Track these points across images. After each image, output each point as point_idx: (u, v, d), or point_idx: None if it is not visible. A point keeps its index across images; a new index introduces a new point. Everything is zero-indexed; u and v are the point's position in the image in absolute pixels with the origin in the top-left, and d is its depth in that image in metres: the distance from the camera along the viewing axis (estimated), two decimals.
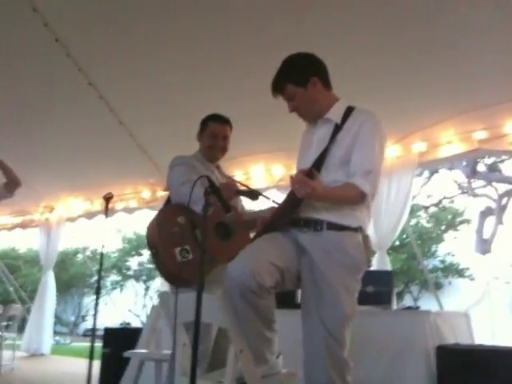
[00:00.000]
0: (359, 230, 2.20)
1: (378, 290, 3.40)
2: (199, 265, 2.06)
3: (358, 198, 2.15)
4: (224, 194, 2.53)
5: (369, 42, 4.14)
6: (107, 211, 3.13)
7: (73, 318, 17.99)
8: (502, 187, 15.14)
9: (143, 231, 3.03)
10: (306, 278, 2.19)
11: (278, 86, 2.33)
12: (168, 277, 2.76)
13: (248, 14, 4.07)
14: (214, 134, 3.04)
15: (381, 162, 2.24)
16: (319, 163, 2.20)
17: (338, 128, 2.25)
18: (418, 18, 3.88)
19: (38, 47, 4.62)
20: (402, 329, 3.14)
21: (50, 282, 8.48)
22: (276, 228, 2.27)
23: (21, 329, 8.64)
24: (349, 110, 2.29)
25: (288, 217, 2.25)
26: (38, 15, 4.24)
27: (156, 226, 2.75)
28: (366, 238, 2.23)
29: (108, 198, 3.09)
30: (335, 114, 2.29)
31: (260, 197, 2.96)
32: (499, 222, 14.78)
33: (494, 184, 15.18)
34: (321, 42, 3.93)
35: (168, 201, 3.03)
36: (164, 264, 2.68)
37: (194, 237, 2.68)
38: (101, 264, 3.16)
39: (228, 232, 2.82)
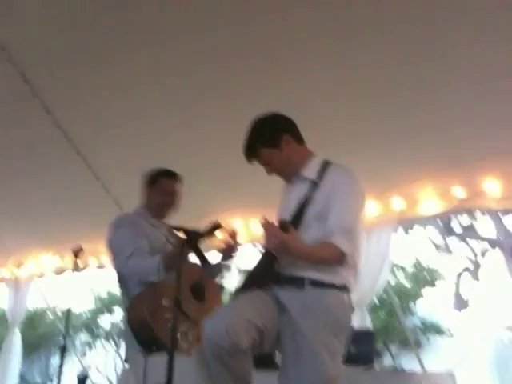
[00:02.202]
0: (343, 288, 2.11)
1: (359, 349, 3.28)
2: (172, 326, 1.95)
3: (337, 258, 2.06)
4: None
5: (345, 99, 4.18)
6: (76, 264, 2.98)
7: (39, 380, 17.17)
8: (478, 245, 15.27)
9: (116, 290, 2.88)
10: (285, 339, 2.07)
11: (252, 150, 2.29)
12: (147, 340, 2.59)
13: (222, 66, 4.07)
14: (167, 191, 2.94)
15: (358, 217, 2.18)
16: (296, 221, 2.13)
17: (314, 185, 2.20)
18: (395, 78, 3.93)
19: (13, 95, 4.55)
20: None
21: (15, 341, 8.09)
22: (256, 285, 2.16)
23: None
24: (324, 166, 2.25)
25: (267, 273, 2.15)
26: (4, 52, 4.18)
27: (151, 323, 2.56)
28: (349, 297, 2.13)
29: (77, 251, 2.96)
30: (311, 171, 2.26)
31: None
32: (475, 278, 14.82)
33: (469, 241, 15.30)
34: (297, 101, 3.95)
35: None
36: (154, 330, 2.53)
37: (182, 312, 2.50)
38: (67, 320, 3.00)
39: (202, 293, 2.72)
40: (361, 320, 5.06)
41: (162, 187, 2.94)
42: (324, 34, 3.66)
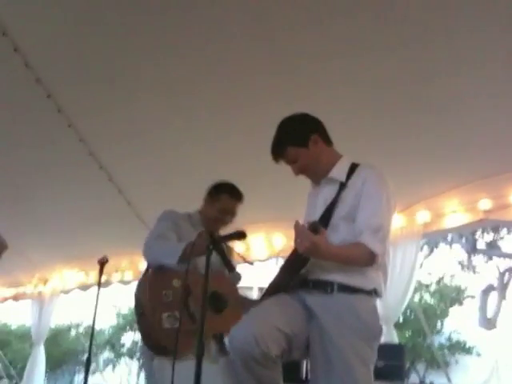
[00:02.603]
0: (373, 293, 2.06)
1: (389, 364, 3.19)
2: (198, 332, 1.92)
3: (367, 259, 2.00)
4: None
5: (371, 114, 4.14)
6: (101, 275, 2.98)
7: None
8: (503, 263, 15.01)
9: None
10: (314, 346, 2.01)
11: (279, 149, 2.26)
12: (148, 341, 2.58)
13: (242, 72, 4.06)
14: (225, 209, 2.87)
15: (389, 217, 2.11)
16: (324, 222, 2.08)
17: (342, 186, 2.16)
18: (420, 92, 3.89)
19: (30, 106, 4.60)
20: None
21: (39, 357, 8.12)
22: (283, 290, 2.11)
23: None
24: (353, 167, 2.21)
25: (294, 277, 2.10)
26: (30, 71, 4.23)
27: (148, 286, 2.57)
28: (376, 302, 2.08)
29: (103, 262, 2.96)
30: (339, 172, 2.21)
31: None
32: (502, 297, 14.52)
33: (494, 260, 15.06)
34: (320, 114, 3.94)
35: None
36: (147, 327, 2.52)
37: (186, 305, 2.50)
38: (92, 335, 2.99)
39: (220, 304, 2.63)
40: (388, 336, 4.95)
41: (221, 204, 2.86)
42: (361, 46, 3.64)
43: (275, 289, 2.13)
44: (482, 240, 14.91)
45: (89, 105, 4.49)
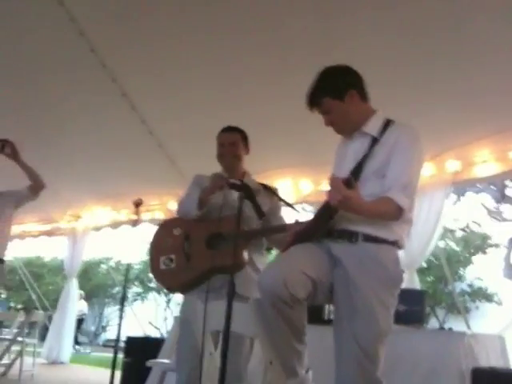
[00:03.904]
0: (396, 244, 2.12)
1: (410, 309, 3.30)
2: (230, 273, 2.04)
3: (394, 213, 2.05)
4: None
5: (403, 62, 4.08)
6: (137, 216, 3.11)
7: (93, 328, 18.02)
8: None
9: None
10: (339, 291, 2.10)
11: (315, 98, 2.26)
12: (156, 281, 3.03)
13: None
14: (221, 143, 3.02)
15: (418, 176, 2.16)
16: (355, 175, 2.12)
17: (375, 141, 2.18)
18: (451, 39, 3.81)
19: (72, 56, 4.68)
20: (436, 349, 3.03)
21: (72, 290, 8.51)
22: (309, 238, 2.19)
23: (42, 337, 8.67)
24: (387, 124, 2.22)
25: (322, 227, 2.17)
26: (74, 24, 4.30)
27: (154, 235, 2.96)
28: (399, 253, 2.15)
29: (138, 204, 3.08)
30: (372, 127, 2.22)
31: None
32: None
33: None
34: (354, 63, 3.92)
35: None
36: (151, 270, 2.91)
37: (183, 248, 2.80)
38: (127, 274, 3.15)
39: (216, 242, 2.79)
40: (410, 282, 5.05)
41: (217, 142, 3.03)
42: None
43: (303, 237, 2.20)
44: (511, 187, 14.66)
45: (123, 47, 4.54)
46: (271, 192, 2.98)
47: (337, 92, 2.22)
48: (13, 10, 4.23)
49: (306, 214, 2.70)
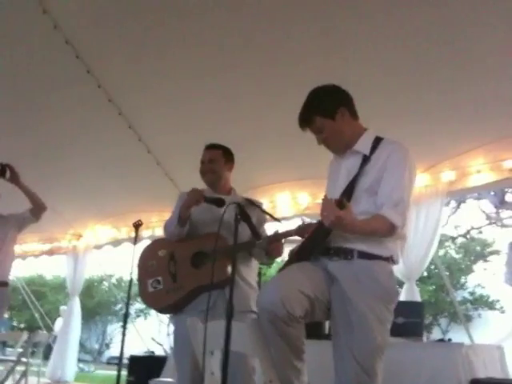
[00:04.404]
0: (390, 259, 2.18)
1: (408, 321, 3.33)
2: (229, 293, 2.09)
3: (387, 230, 2.11)
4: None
5: (396, 73, 4.15)
6: (137, 238, 3.16)
7: (97, 346, 17.97)
8: None
9: None
10: (335, 308, 2.15)
11: (306, 118, 2.32)
12: (147, 305, 3.13)
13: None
14: (201, 160, 3.10)
15: (410, 192, 2.21)
16: (348, 194, 2.19)
17: (366, 159, 2.24)
18: (445, 40, 3.85)
19: (68, 76, 4.73)
20: (434, 361, 3.06)
21: (75, 309, 8.52)
22: (306, 257, 2.25)
23: (46, 356, 8.66)
24: (377, 141, 2.28)
25: (318, 246, 2.23)
26: (69, 47, 4.37)
27: (139, 259, 3.03)
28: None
29: (137, 226, 3.13)
30: (363, 145, 2.28)
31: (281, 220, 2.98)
32: None
33: None
34: (348, 74, 3.97)
35: None
36: (140, 294, 2.96)
37: (169, 268, 2.87)
38: (129, 290, 3.19)
39: (200, 261, 2.85)
40: (409, 293, 5.09)
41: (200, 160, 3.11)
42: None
43: (300, 256, 2.26)
44: (511, 193, 14.70)
45: (119, 67, 4.60)
46: (256, 206, 3.01)
47: (327, 111, 2.29)
48: (9, 31, 4.29)
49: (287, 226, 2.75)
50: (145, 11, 4.04)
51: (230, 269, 2.65)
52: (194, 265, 2.83)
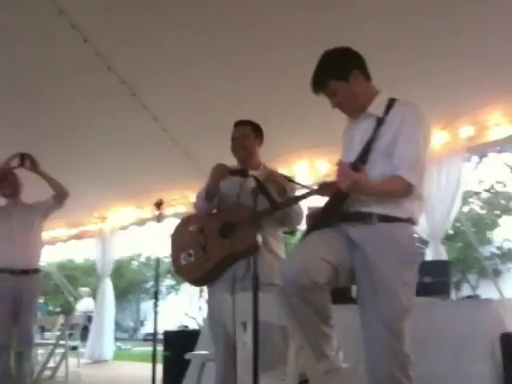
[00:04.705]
0: (409, 221, 2.18)
1: (435, 280, 3.34)
2: (246, 257, 2.13)
3: (404, 191, 2.11)
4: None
5: (415, 26, 4.07)
6: (159, 216, 3.21)
7: (132, 324, 18.40)
8: None
9: None
10: (360, 273, 2.17)
11: (320, 82, 2.30)
12: (181, 277, 3.20)
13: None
14: (232, 137, 3.12)
15: (425, 152, 2.19)
16: (363, 157, 2.18)
17: (380, 121, 2.22)
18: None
19: (80, 62, 4.76)
20: (464, 319, 3.06)
21: (107, 289, 8.73)
22: (326, 224, 2.26)
23: (83, 337, 8.92)
24: (391, 103, 2.26)
25: (336, 211, 2.24)
26: (77, 31, 4.38)
27: (171, 236, 3.10)
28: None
29: (159, 204, 3.18)
30: (377, 107, 2.26)
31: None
32: None
33: None
34: (355, 29, 3.95)
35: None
36: (175, 269, 3.07)
37: (199, 241, 2.94)
38: (157, 268, 3.26)
39: (229, 231, 2.89)
40: (435, 252, 5.09)
41: (231, 137, 3.12)
42: None
43: (319, 224, 2.27)
44: None
45: (128, 47, 4.61)
46: (286, 178, 3.04)
47: (341, 73, 2.26)
48: (19, 21, 4.33)
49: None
50: None
51: (259, 237, 2.67)
52: (222, 235, 2.89)
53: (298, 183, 3.10)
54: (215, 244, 2.87)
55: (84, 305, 11.49)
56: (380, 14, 3.96)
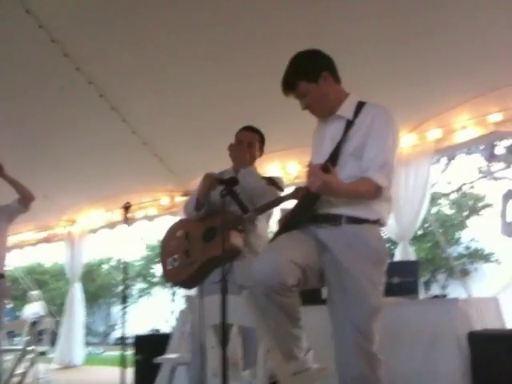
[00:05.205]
0: (378, 222, 2.21)
1: (404, 280, 3.39)
2: (226, 261, 2.14)
3: (373, 192, 2.13)
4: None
5: (383, 37, 4.12)
6: (127, 220, 3.19)
7: (103, 328, 18.15)
8: None
9: None
10: (329, 275, 2.19)
11: (290, 83, 2.32)
12: (168, 282, 3.35)
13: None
14: (239, 139, 3.13)
15: (394, 155, 2.23)
16: (333, 159, 2.20)
17: (349, 124, 2.25)
18: (425, 1, 3.83)
19: (47, 63, 4.67)
20: (431, 318, 3.12)
21: (77, 294, 8.59)
22: (295, 226, 2.27)
23: (52, 343, 8.76)
24: (360, 105, 2.29)
25: (306, 214, 2.25)
26: (44, 31, 4.30)
27: (161, 242, 3.24)
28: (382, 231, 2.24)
29: (127, 207, 3.17)
30: (346, 109, 2.29)
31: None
32: None
33: None
34: (324, 31, 3.98)
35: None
36: (163, 274, 3.19)
37: (184, 246, 3.04)
38: (125, 272, 3.23)
39: (210, 235, 2.95)
40: (404, 252, 5.15)
41: (236, 138, 3.16)
42: None
43: (288, 226, 2.28)
44: (501, 146, 14.71)
45: (98, 48, 4.54)
46: (272, 182, 3.07)
47: (311, 75, 2.29)
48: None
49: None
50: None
51: (238, 240, 2.81)
52: (205, 240, 2.95)
53: (279, 187, 3.11)
54: (198, 248, 2.95)
55: (30, 309, 11.23)
56: (349, 13, 3.98)
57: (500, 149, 14.65)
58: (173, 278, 3.10)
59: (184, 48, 4.47)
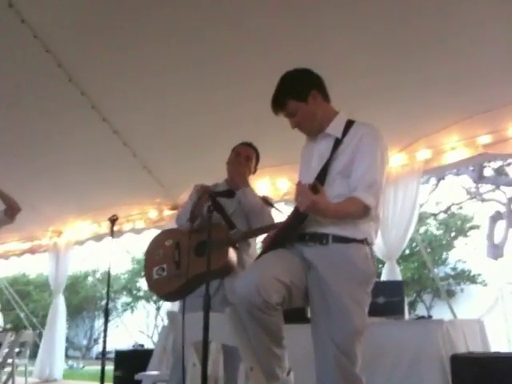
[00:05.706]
0: (365, 242, 2.19)
1: (389, 300, 3.37)
2: (205, 286, 2.10)
3: (361, 212, 2.12)
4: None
5: (372, 53, 4.14)
6: (113, 233, 3.15)
7: (85, 342, 17.91)
8: (511, 191, 14.99)
9: None
10: (313, 294, 2.16)
11: (279, 102, 2.33)
12: (151, 291, 3.25)
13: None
14: (238, 152, 3.16)
15: (382, 174, 2.22)
16: (321, 177, 2.20)
17: (338, 142, 2.25)
18: (416, 17, 3.84)
19: (41, 73, 4.65)
20: (415, 339, 3.10)
21: (60, 306, 8.45)
22: (282, 244, 2.25)
23: (33, 355, 8.61)
24: (349, 124, 2.29)
25: (293, 232, 2.23)
26: (38, 42, 4.28)
27: (146, 250, 3.15)
28: (371, 250, 2.22)
29: (113, 220, 3.13)
30: (335, 128, 2.29)
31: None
32: (510, 225, 14.59)
33: (502, 188, 15.05)
34: (312, 45, 4.00)
35: None
36: (147, 282, 3.08)
37: (174, 256, 2.98)
38: (108, 285, 3.18)
39: (203, 250, 2.88)
40: (390, 272, 5.14)
41: (234, 151, 3.19)
42: None
43: (275, 244, 2.26)
44: (489, 168, 14.84)
45: (90, 59, 4.52)
46: (267, 203, 3.12)
47: (300, 94, 2.29)
48: None
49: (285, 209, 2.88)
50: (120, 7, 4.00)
51: (230, 256, 2.78)
52: (197, 254, 2.90)
53: (275, 207, 3.14)
54: (189, 261, 2.86)
55: None
56: (339, 27, 4.00)
57: (489, 170, 14.79)
58: (159, 288, 3.01)
59: (173, 60, 4.46)
